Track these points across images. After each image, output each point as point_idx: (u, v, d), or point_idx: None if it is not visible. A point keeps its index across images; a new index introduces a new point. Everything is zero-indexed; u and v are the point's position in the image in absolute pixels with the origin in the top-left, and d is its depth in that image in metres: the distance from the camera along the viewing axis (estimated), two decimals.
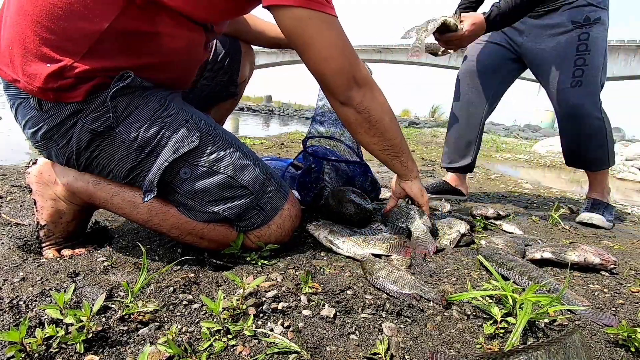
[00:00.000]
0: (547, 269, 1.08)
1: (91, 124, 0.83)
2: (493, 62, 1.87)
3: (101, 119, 0.83)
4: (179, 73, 0.99)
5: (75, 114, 0.83)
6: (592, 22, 1.60)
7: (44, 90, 0.80)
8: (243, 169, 0.92)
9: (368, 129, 1.00)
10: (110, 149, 0.86)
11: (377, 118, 0.99)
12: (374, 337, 0.68)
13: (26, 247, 0.94)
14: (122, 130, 0.85)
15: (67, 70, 0.79)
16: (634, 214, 2.34)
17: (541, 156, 6.67)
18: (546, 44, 1.69)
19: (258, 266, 0.92)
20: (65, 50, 0.79)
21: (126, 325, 0.65)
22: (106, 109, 0.82)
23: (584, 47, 1.60)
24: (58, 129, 0.85)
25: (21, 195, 1.37)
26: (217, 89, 1.31)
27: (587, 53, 1.60)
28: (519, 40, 1.78)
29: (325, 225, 1.12)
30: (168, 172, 0.87)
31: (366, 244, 1.03)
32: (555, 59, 1.66)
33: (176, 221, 0.92)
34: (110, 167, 0.89)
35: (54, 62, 0.78)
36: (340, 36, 0.88)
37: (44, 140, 0.88)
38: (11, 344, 0.54)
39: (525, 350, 0.54)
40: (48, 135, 0.86)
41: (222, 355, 0.60)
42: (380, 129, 1.01)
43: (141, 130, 0.85)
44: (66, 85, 0.80)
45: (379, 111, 0.98)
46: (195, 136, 0.87)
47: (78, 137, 0.84)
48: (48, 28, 0.77)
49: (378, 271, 0.87)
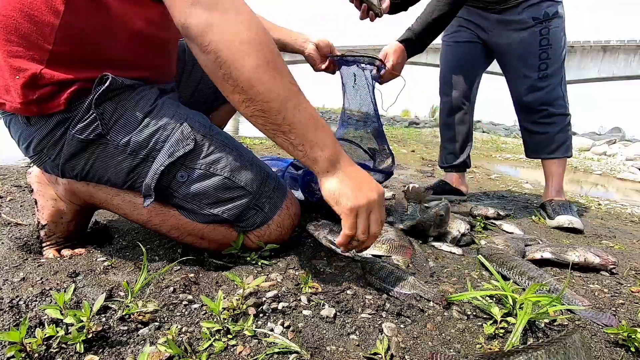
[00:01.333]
0: (547, 269, 1.09)
1: (80, 134, 0.82)
2: (468, 61, 1.96)
3: (89, 128, 0.82)
4: (153, 61, 0.94)
5: (62, 123, 0.82)
6: (551, 17, 1.70)
7: (26, 105, 0.79)
8: (240, 170, 0.92)
9: (222, 81, 0.70)
10: (103, 156, 0.86)
11: (228, 60, 0.67)
12: (374, 337, 0.68)
13: (26, 247, 0.94)
14: (113, 137, 0.84)
15: (39, 78, 0.77)
16: (634, 214, 2.34)
17: None
18: (512, 39, 1.77)
19: (258, 266, 0.92)
20: (31, 59, 0.77)
21: (126, 325, 0.65)
22: (92, 116, 0.81)
23: (545, 41, 1.71)
24: (47, 141, 0.84)
25: (21, 195, 1.37)
26: (219, 91, 1.30)
27: (549, 47, 1.71)
28: (484, 36, 1.88)
29: (325, 225, 1.12)
30: (165, 176, 0.86)
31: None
32: (522, 54, 1.76)
33: (176, 222, 0.92)
34: (107, 176, 0.88)
35: (22, 71, 0.77)
36: None
37: (37, 154, 0.88)
38: (11, 344, 0.54)
39: (525, 350, 0.54)
40: (39, 149, 0.86)
41: (222, 355, 0.60)
42: (237, 80, 0.69)
43: (133, 134, 0.84)
44: (46, 95, 0.79)
45: (231, 48, 0.67)
46: (190, 139, 0.87)
47: (69, 147, 0.84)
48: (9, 40, 0.77)
49: (378, 271, 0.87)
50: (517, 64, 1.78)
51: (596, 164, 6.28)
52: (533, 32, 1.72)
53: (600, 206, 2.48)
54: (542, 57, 1.72)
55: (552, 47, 1.71)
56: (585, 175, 5.18)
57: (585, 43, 22.31)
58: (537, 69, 1.73)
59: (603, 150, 8.03)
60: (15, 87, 0.78)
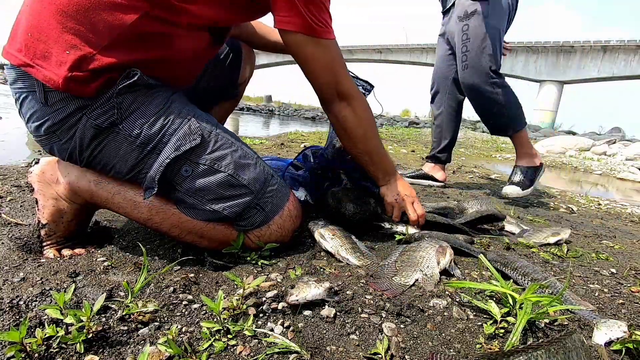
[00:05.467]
0: (547, 268, 1.09)
1: (95, 120, 0.84)
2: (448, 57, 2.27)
3: (105, 115, 0.84)
4: (184, 72, 1.00)
5: (81, 109, 0.83)
6: (469, 14, 1.95)
7: (64, 80, 0.79)
8: (244, 168, 0.92)
9: (344, 135, 1.13)
10: (113, 145, 0.86)
11: (351, 127, 1.10)
12: (374, 337, 0.68)
13: (26, 247, 0.94)
14: (125, 127, 0.85)
15: (87, 61, 0.79)
16: (634, 214, 2.34)
17: (541, 156, 6.65)
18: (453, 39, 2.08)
19: (258, 266, 0.92)
20: (87, 41, 0.80)
21: (126, 325, 0.65)
22: (111, 105, 0.83)
23: (465, 36, 1.97)
24: (62, 123, 0.85)
25: (21, 195, 1.37)
26: (217, 89, 1.32)
27: (468, 41, 1.96)
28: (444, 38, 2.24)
29: (325, 224, 1.13)
30: (169, 170, 0.87)
31: (351, 251, 1.01)
32: (455, 50, 2.05)
33: (176, 220, 0.92)
34: (113, 164, 0.89)
35: (75, 49, 0.79)
36: (331, 57, 1.01)
37: (47, 135, 0.88)
38: (11, 344, 0.54)
39: (525, 350, 0.54)
40: (52, 130, 0.86)
41: (222, 355, 0.60)
42: (353, 139, 1.13)
43: (144, 127, 0.86)
44: (79, 78, 0.80)
45: (354, 123, 1.10)
46: (197, 134, 0.88)
47: (82, 132, 0.85)
48: (74, 17, 0.78)
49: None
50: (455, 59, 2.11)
51: (596, 163, 6.28)
52: (459, 30, 1.99)
53: (600, 206, 2.48)
54: (462, 51, 1.98)
55: (471, 40, 1.95)
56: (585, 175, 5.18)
57: (585, 43, 22.31)
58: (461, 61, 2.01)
59: (603, 150, 8.02)
60: (60, 59, 0.79)
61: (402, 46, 29.58)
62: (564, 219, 1.88)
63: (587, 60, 22.77)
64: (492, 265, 0.88)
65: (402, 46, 29.58)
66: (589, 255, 1.26)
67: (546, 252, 1.24)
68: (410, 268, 0.91)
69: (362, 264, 0.97)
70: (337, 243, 1.03)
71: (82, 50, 0.79)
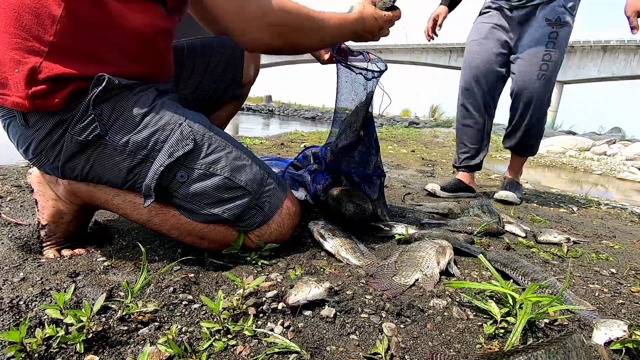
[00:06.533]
0: (547, 268, 1.09)
1: (79, 135, 0.82)
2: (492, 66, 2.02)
3: (88, 129, 0.82)
4: (151, 56, 0.94)
5: (60, 124, 0.82)
6: (562, 23, 1.79)
7: (25, 99, 0.77)
8: (240, 170, 0.92)
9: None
10: (102, 157, 0.85)
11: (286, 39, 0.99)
12: (374, 337, 0.68)
13: (26, 247, 0.94)
14: (111, 137, 0.84)
15: (37, 72, 0.77)
16: (634, 213, 2.34)
17: (541, 156, 6.66)
18: (524, 39, 1.89)
19: (258, 266, 0.92)
20: (29, 51, 0.77)
21: (126, 325, 0.65)
22: (91, 117, 0.81)
23: (552, 44, 1.80)
24: (46, 143, 0.84)
25: (21, 195, 1.37)
26: (220, 90, 1.30)
27: (554, 51, 1.80)
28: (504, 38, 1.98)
29: (325, 224, 1.13)
30: (164, 177, 0.86)
31: (351, 252, 1.01)
32: (528, 52, 1.86)
33: (176, 222, 0.92)
34: (107, 176, 0.88)
35: (21, 65, 0.76)
36: None
37: (36, 157, 0.87)
38: (11, 344, 0.54)
39: (525, 350, 0.54)
40: (38, 151, 0.86)
41: (222, 355, 0.60)
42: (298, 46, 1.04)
43: (132, 134, 0.84)
44: (44, 91, 0.78)
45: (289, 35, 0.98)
46: (190, 139, 0.87)
47: (67, 148, 0.84)
48: (11, 32, 0.76)
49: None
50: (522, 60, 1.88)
51: (596, 164, 6.28)
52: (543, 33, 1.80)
53: (600, 206, 2.48)
54: (545, 59, 1.81)
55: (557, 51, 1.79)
56: (585, 175, 5.18)
57: (585, 43, 22.29)
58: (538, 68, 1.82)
59: (603, 150, 8.02)
60: (14, 80, 0.77)
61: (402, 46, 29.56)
62: (564, 219, 1.88)
63: (587, 60, 22.75)
64: (492, 265, 0.88)
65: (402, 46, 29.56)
66: (589, 255, 1.26)
67: (546, 252, 1.25)
68: (410, 268, 0.91)
69: (362, 264, 0.97)
70: (337, 243, 1.03)
71: (28, 62, 0.76)
